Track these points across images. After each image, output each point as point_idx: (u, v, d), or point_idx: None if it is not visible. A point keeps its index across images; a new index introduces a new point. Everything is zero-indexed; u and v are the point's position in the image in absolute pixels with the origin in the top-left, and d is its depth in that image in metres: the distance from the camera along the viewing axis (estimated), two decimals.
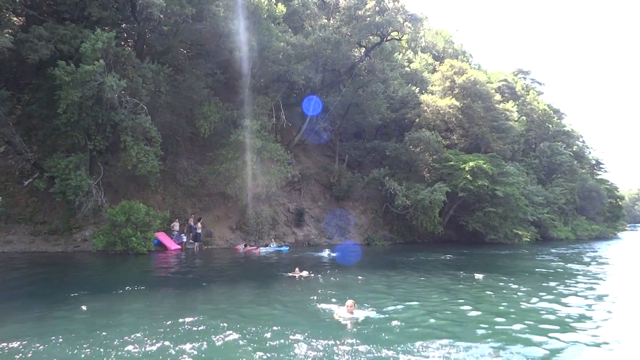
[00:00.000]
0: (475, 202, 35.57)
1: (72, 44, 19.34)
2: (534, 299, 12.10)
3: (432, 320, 9.42)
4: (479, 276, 16.09)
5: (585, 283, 16.06)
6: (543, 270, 19.75)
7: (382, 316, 9.36)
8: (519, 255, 27.06)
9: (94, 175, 21.02)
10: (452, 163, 35.11)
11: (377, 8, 29.46)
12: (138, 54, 22.38)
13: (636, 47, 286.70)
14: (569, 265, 22.39)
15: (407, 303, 10.96)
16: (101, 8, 21.24)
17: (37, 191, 20.84)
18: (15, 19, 23.18)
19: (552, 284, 15.39)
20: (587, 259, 26.02)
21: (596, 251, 33.52)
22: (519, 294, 13.08)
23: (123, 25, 24.74)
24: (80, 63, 18.05)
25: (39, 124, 21.69)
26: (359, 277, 15.37)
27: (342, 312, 9.17)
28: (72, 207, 20.56)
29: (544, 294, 13.13)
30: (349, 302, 9.23)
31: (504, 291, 13.50)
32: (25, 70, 21.68)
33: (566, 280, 16.32)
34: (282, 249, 25.53)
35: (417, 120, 38.44)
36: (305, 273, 15.15)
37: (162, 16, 21.84)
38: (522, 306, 11.35)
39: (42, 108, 20.70)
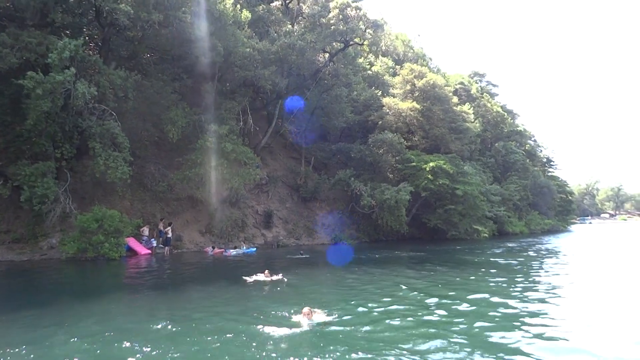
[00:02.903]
0: (437, 200, 37.35)
1: (37, 51, 19.08)
2: (485, 294, 12.65)
3: (392, 322, 9.51)
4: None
5: (530, 275, 17.61)
6: (494, 263, 21.39)
7: (339, 319, 9.52)
8: (475, 250, 28.52)
9: (60, 182, 20.77)
10: (414, 163, 36.70)
11: (340, 16, 30.53)
12: (103, 60, 22.27)
13: (580, 50, 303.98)
14: (518, 258, 24.21)
15: (365, 303, 11.20)
16: (65, 14, 21.03)
17: (0, 199, 20.44)
18: None
19: (501, 277, 16.81)
20: (534, 253, 27.97)
21: (547, 243, 35.94)
22: (466, 288, 13.54)
23: (85, 30, 24.49)
24: (49, 72, 17.86)
25: (2, 130, 21.20)
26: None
27: (300, 319, 9.21)
28: (37, 215, 20.24)
29: (495, 287, 14.39)
30: (305, 309, 9.30)
31: (454, 286, 14.07)
32: None
33: (510, 274, 17.85)
34: (248, 250, 25.71)
35: (380, 122, 39.75)
36: (275, 277, 14.82)
37: (127, 21, 21.85)
38: (476, 302, 12.22)
39: (5, 115, 20.31)
